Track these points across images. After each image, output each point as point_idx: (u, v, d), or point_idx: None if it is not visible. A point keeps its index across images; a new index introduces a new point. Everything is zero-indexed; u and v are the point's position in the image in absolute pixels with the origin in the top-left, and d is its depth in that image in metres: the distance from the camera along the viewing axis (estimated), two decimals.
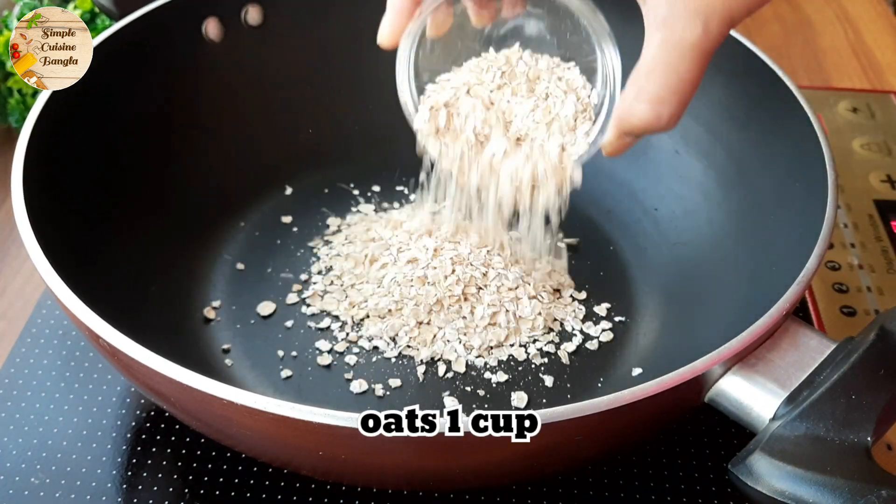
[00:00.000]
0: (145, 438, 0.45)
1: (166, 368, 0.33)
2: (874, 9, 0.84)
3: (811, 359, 0.37)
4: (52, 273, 0.37)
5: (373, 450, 0.33)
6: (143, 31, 0.50)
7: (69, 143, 0.46)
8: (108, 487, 0.43)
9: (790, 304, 0.37)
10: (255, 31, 0.56)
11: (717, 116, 0.52)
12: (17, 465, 0.43)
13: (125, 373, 0.37)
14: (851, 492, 0.32)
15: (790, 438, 0.34)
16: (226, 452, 0.44)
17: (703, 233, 0.51)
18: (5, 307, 0.53)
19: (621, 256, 0.54)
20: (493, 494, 0.43)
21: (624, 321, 0.50)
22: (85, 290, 0.37)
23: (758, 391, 0.36)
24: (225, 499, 0.43)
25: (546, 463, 0.38)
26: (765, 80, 0.49)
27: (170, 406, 0.37)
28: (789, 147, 0.46)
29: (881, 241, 0.59)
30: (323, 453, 0.35)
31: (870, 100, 0.71)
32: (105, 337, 0.35)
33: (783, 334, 0.37)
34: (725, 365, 0.36)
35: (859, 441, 0.34)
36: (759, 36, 0.80)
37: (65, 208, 0.44)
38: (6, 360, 0.48)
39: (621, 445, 0.42)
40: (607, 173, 0.57)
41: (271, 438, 0.35)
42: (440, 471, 0.37)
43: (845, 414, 0.34)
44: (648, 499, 0.43)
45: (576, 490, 0.44)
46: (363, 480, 0.42)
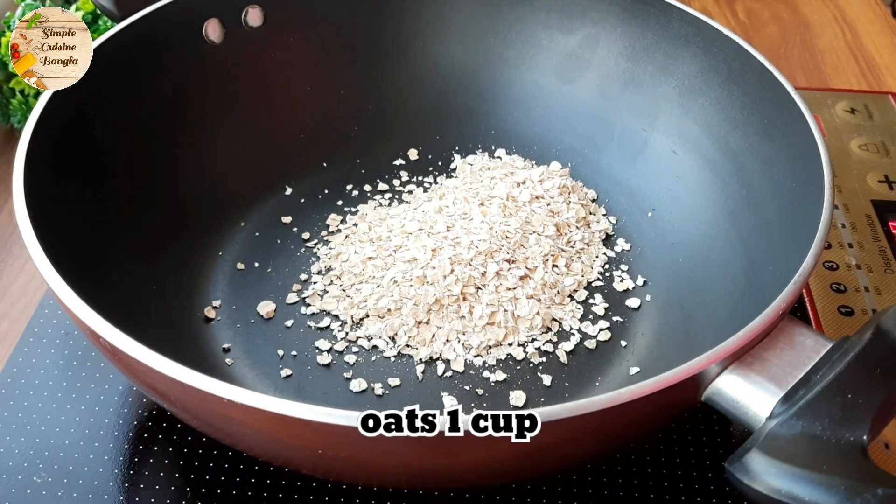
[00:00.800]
0: (147, 438, 0.45)
1: (167, 367, 0.33)
2: (872, 10, 0.84)
3: (807, 358, 0.37)
4: (53, 272, 0.37)
5: (372, 449, 0.33)
6: (144, 32, 0.50)
7: (70, 144, 0.46)
8: (111, 486, 0.43)
9: (786, 303, 0.37)
10: (255, 32, 0.56)
11: (714, 117, 0.52)
12: (19, 464, 0.43)
13: (126, 372, 0.37)
14: (847, 490, 0.32)
15: (786, 437, 0.34)
16: (227, 452, 0.44)
17: (701, 233, 0.51)
18: (8, 307, 0.53)
19: (619, 256, 0.54)
20: (492, 493, 0.43)
21: (622, 321, 0.51)
22: (86, 290, 0.37)
23: (754, 390, 0.36)
24: (226, 498, 0.43)
25: (544, 462, 0.38)
26: (762, 80, 0.49)
27: (170, 405, 0.37)
28: (786, 147, 0.47)
29: (879, 241, 0.59)
30: (322, 452, 0.35)
31: (867, 100, 0.71)
32: (106, 336, 0.35)
33: (780, 333, 0.37)
34: (722, 364, 0.36)
35: (855, 440, 0.34)
36: (758, 37, 0.80)
37: (66, 209, 0.44)
38: (9, 359, 0.48)
39: (619, 444, 0.42)
40: (605, 173, 0.58)
41: (271, 437, 0.35)
42: (439, 470, 0.37)
43: (841, 413, 0.34)
44: (646, 497, 0.44)
45: (574, 489, 0.44)
46: (363, 479, 0.42)
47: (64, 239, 0.41)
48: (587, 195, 0.57)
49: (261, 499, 0.43)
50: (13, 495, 0.42)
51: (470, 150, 0.61)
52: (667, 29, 0.54)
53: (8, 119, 0.62)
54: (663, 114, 0.55)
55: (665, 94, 0.55)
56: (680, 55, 0.54)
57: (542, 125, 0.60)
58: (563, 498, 0.43)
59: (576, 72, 0.58)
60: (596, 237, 0.55)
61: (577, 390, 0.47)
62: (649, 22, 0.55)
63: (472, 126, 0.60)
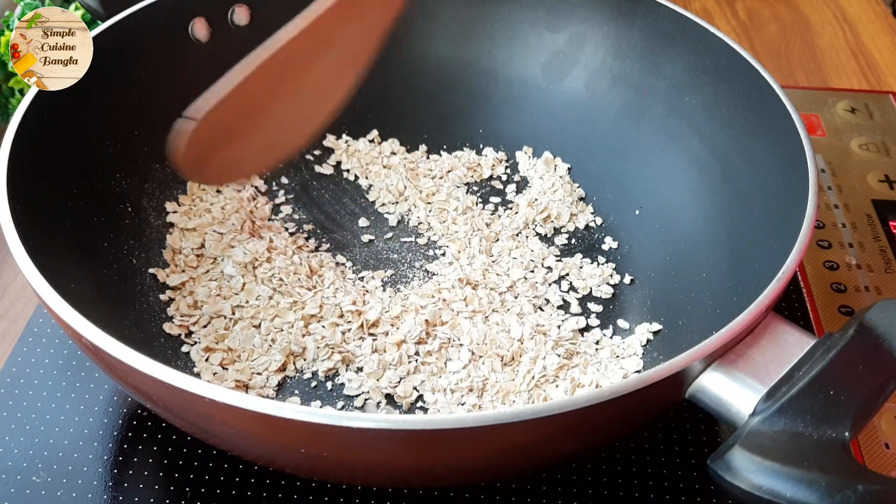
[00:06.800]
0: (147, 438, 0.45)
1: (149, 367, 0.33)
2: (872, 9, 0.84)
3: (791, 355, 0.36)
4: (34, 270, 0.37)
5: (355, 447, 0.33)
6: (130, 31, 0.51)
7: (55, 144, 0.46)
8: (111, 486, 0.43)
9: (770, 300, 0.37)
10: (242, 31, 0.56)
11: (700, 115, 0.52)
12: (18, 464, 0.44)
13: (109, 372, 0.37)
14: (829, 486, 0.32)
15: (769, 434, 0.34)
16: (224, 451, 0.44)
17: (688, 230, 0.51)
18: (7, 307, 0.53)
19: (606, 254, 0.54)
20: (478, 492, 0.43)
21: (608, 318, 0.51)
22: (68, 289, 0.37)
23: (737, 387, 0.36)
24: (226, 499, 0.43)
25: (528, 459, 0.38)
26: (748, 78, 0.49)
27: (153, 405, 0.37)
28: (772, 145, 0.46)
29: (879, 240, 0.59)
30: (305, 451, 0.35)
31: (868, 100, 0.71)
32: (87, 336, 0.35)
33: (763, 330, 0.37)
34: (705, 361, 0.36)
35: (837, 436, 0.34)
36: (758, 37, 0.80)
37: (48, 207, 0.44)
38: (8, 359, 0.48)
39: (604, 442, 0.42)
40: (592, 172, 0.58)
41: (254, 436, 0.35)
42: (422, 467, 0.37)
43: (823, 409, 0.34)
44: (630, 495, 0.44)
45: (560, 487, 0.44)
46: (346, 478, 0.42)
47: (45, 236, 0.41)
48: (575, 193, 0.57)
49: (245, 498, 0.43)
50: (12, 495, 0.42)
51: (458, 149, 0.61)
52: (654, 27, 0.54)
53: (8, 119, 0.62)
54: (650, 112, 0.55)
55: (652, 92, 0.55)
56: (667, 53, 0.54)
57: (529, 124, 0.60)
58: (550, 496, 0.43)
59: (563, 70, 0.58)
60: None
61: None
62: (636, 20, 0.55)
63: (460, 125, 0.61)
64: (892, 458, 0.46)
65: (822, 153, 0.65)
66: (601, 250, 0.55)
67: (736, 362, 0.36)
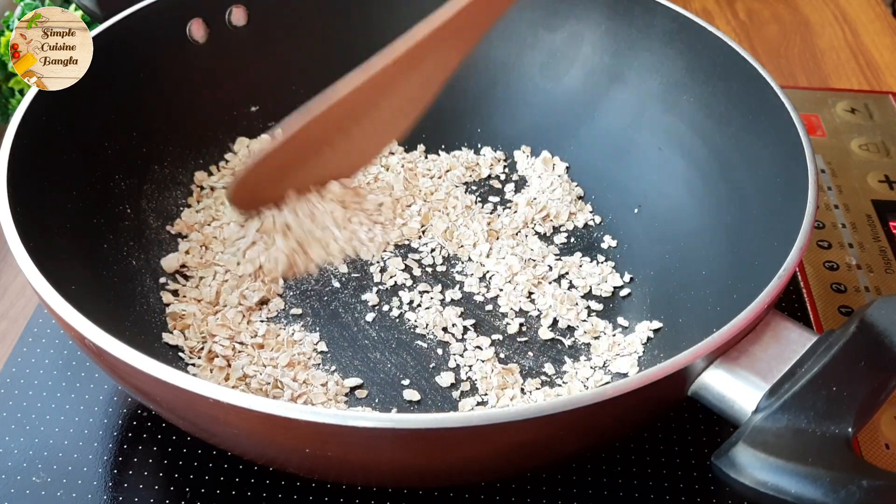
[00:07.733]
0: (147, 438, 0.45)
1: (152, 368, 0.33)
2: (872, 10, 0.84)
3: (793, 351, 0.37)
4: (36, 272, 0.37)
5: (360, 448, 0.33)
6: (128, 32, 0.51)
7: (54, 145, 0.46)
8: (111, 487, 0.43)
9: (771, 297, 0.37)
10: (239, 31, 0.56)
11: (699, 113, 0.52)
12: (18, 464, 0.43)
13: (110, 372, 0.37)
14: (832, 482, 0.32)
15: (772, 430, 0.34)
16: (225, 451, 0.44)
17: (687, 228, 0.51)
18: (7, 307, 0.53)
19: (605, 253, 0.54)
20: (479, 492, 0.43)
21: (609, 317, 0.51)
22: (69, 290, 0.37)
23: (740, 384, 0.36)
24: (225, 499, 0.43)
25: (530, 458, 0.38)
26: (745, 76, 0.49)
27: (156, 406, 0.37)
28: (770, 142, 0.47)
29: (879, 241, 0.59)
30: (310, 451, 0.34)
31: (868, 100, 0.71)
32: (91, 337, 0.35)
33: (765, 328, 0.37)
34: (708, 359, 0.36)
35: (840, 432, 0.34)
36: (758, 37, 0.80)
37: (49, 208, 0.44)
38: (8, 359, 0.48)
39: (607, 440, 0.42)
40: (590, 171, 0.58)
41: (257, 436, 0.35)
42: (426, 467, 0.37)
43: (826, 406, 0.34)
44: (634, 492, 0.44)
45: (563, 486, 0.44)
46: (349, 478, 0.42)
47: (45, 236, 0.41)
48: (573, 192, 0.57)
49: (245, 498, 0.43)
50: (12, 495, 0.42)
51: (456, 148, 0.61)
52: (651, 26, 0.54)
53: (8, 119, 0.62)
54: (648, 110, 0.55)
55: (650, 90, 0.55)
56: (664, 52, 0.54)
57: (527, 123, 0.60)
58: (550, 496, 0.43)
59: (560, 69, 0.58)
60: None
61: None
62: (633, 19, 0.55)
63: (458, 124, 0.61)
64: (892, 459, 0.46)
65: (822, 153, 0.66)
66: (600, 249, 0.55)
67: (738, 359, 0.36)
